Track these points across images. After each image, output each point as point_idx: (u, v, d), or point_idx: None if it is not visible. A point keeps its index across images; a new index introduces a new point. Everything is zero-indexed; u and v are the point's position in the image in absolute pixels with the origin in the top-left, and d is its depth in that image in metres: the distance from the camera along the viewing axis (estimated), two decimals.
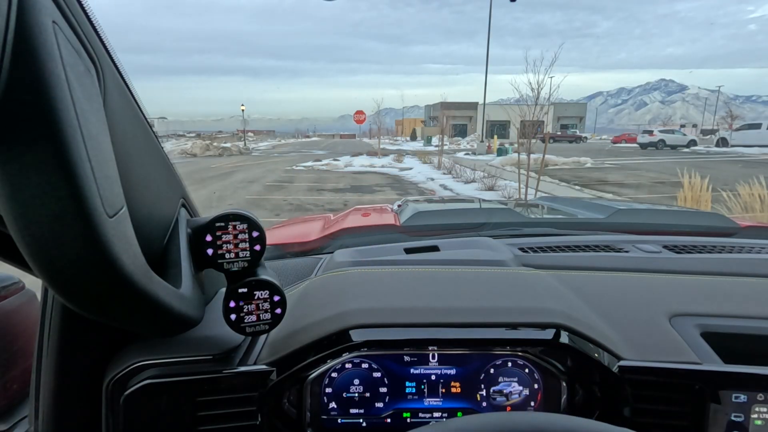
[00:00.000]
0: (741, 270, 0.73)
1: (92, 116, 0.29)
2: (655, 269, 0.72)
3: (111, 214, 0.29)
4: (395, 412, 0.58)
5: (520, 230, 0.99)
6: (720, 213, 1.33)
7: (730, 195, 4.33)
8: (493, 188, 8.86)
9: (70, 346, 0.46)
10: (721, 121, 42.97)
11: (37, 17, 0.24)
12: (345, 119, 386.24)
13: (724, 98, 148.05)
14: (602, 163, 15.71)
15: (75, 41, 0.29)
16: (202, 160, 18.52)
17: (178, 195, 0.53)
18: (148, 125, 0.47)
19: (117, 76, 0.39)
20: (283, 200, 7.86)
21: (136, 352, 0.48)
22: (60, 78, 0.25)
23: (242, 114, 42.68)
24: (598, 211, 1.18)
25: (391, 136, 70.60)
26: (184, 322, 0.42)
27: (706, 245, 0.86)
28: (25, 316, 0.64)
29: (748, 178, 4.42)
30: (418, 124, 69.62)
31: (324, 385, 0.57)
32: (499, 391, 0.58)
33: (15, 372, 0.62)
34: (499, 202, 1.74)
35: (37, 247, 0.27)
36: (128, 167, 0.39)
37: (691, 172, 4.81)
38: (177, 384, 0.47)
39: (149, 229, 0.43)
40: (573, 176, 11.41)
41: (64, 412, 0.48)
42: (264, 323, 0.47)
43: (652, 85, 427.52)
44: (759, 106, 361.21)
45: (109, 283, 0.30)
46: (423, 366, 0.58)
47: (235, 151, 23.63)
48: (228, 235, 0.45)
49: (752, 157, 17.70)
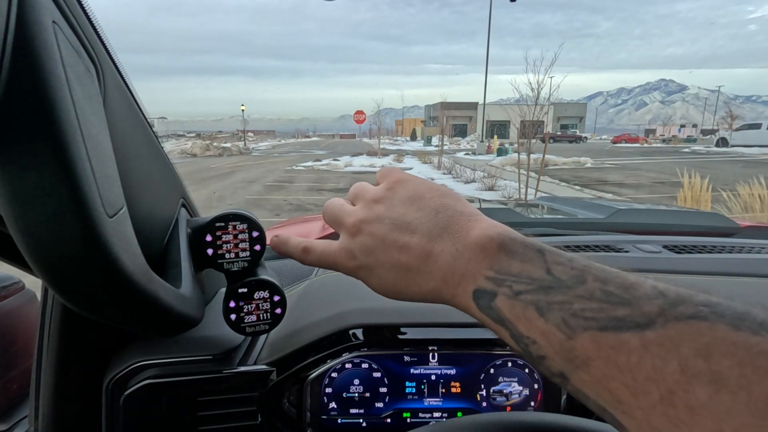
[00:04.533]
0: (741, 270, 0.73)
1: (92, 116, 0.29)
2: (655, 269, 0.72)
3: (111, 214, 0.29)
4: (395, 412, 0.58)
5: (520, 230, 0.99)
6: (720, 213, 1.33)
7: (730, 195, 4.33)
8: (493, 188, 8.87)
9: (70, 346, 0.46)
10: (721, 121, 43.02)
11: (37, 17, 0.24)
12: (345, 119, 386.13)
13: (724, 98, 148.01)
14: (602, 163, 15.72)
15: (75, 41, 0.29)
16: (202, 160, 18.53)
17: (178, 195, 0.53)
18: (148, 125, 0.47)
19: (117, 76, 0.39)
20: (283, 200, 7.87)
21: (136, 352, 0.48)
22: (60, 78, 0.25)
23: (242, 114, 42.70)
24: (598, 211, 1.18)
25: (391, 136, 70.57)
26: (184, 322, 0.42)
27: (706, 245, 0.86)
28: (25, 316, 0.64)
29: (748, 178, 4.42)
30: (418, 124, 69.63)
31: (324, 385, 0.57)
32: (499, 391, 0.58)
33: (15, 372, 0.62)
34: (499, 202, 1.74)
35: (37, 247, 0.27)
36: (128, 167, 0.39)
37: (691, 172, 4.81)
38: (177, 384, 0.47)
39: (149, 229, 0.43)
40: (573, 176, 11.42)
41: (64, 412, 0.48)
42: (264, 323, 0.47)
43: (652, 85, 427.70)
44: (759, 106, 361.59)
45: (109, 284, 0.30)
46: (423, 366, 0.58)
47: (235, 151, 23.64)
48: (228, 235, 0.45)
49: (752, 157, 17.71)
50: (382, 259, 0.31)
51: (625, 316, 0.20)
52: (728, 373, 0.17)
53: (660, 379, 0.18)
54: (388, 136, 63.67)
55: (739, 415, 0.16)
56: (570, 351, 0.21)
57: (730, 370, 0.17)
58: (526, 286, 0.24)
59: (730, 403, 0.16)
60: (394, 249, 0.30)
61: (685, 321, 0.19)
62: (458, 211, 0.31)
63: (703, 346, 0.18)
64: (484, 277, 0.26)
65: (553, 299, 0.23)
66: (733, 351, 0.17)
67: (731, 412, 0.16)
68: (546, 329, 0.23)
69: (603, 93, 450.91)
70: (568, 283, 0.23)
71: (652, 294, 0.21)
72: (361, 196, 0.35)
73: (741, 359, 0.17)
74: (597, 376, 0.20)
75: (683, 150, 26.07)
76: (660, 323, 0.19)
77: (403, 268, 0.30)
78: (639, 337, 0.19)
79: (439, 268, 0.28)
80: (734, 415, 0.16)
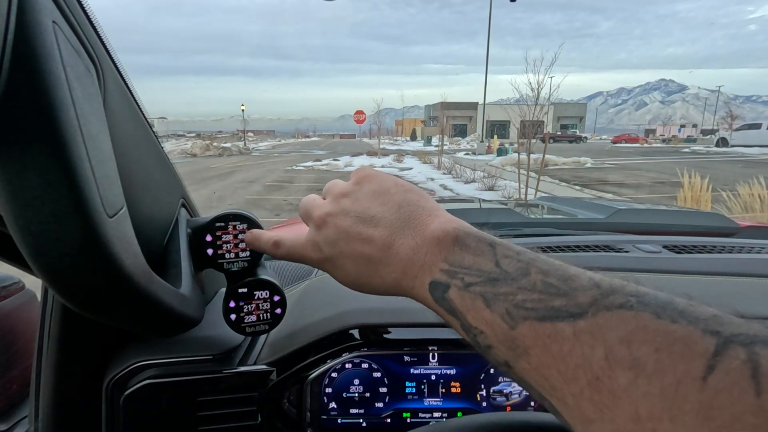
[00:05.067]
0: (741, 270, 0.73)
1: (92, 116, 0.29)
2: (655, 269, 0.72)
3: (111, 214, 0.29)
4: (395, 412, 0.58)
5: (520, 230, 0.99)
6: (720, 213, 1.33)
7: (730, 195, 4.33)
8: (493, 188, 8.86)
9: (70, 346, 0.46)
10: (721, 121, 43.04)
11: (37, 17, 0.24)
12: (345, 119, 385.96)
13: (724, 98, 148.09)
14: (602, 163, 15.71)
15: (75, 41, 0.29)
16: (202, 160, 18.53)
17: (178, 195, 0.53)
18: (148, 125, 0.47)
19: (117, 76, 0.39)
20: (283, 200, 7.87)
21: (136, 352, 0.48)
22: (60, 78, 0.25)
23: (242, 114, 42.71)
24: (598, 211, 1.18)
25: (391, 136, 70.62)
26: (184, 322, 0.42)
27: (706, 245, 0.86)
28: (25, 316, 0.64)
29: (748, 178, 4.42)
30: (418, 124, 69.66)
31: (324, 385, 0.57)
32: (499, 391, 0.58)
33: (15, 372, 0.62)
34: (499, 202, 1.74)
35: (37, 247, 0.27)
36: (128, 167, 0.39)
37: (691, 172, 4.81)
38: (177, 384, 0.47)
39: (149, 229, 0.43)
40: (573, 176, 11.41)
41: (64, 412, 0.48)
42: (264, 323, 0.47)
43: (652, 85, 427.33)
44: (759, 106, 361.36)
45: (109, 284, 0.30)
46: (423, 366, 0.58)
47: (235, 151, 23.64)
48: (228, 235, 0.45)
49: (752, 157, 17.72)
50: (345, 251, 0.32)
51: (561, 306, 0.21)
52: (646, 359, 0.18)
53: (587, 365, 0.19)
54: (388, 136, 63.73)
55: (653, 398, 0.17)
56: (512, 340, 0.22)
57: (648, 356, 0.18)
58: (476, 278, 0.25)
59: (646, 387, 0.17)
60: (357, 241, 0.31)
61: (613, 311, 0.20)
62: (420, 206, 0.32)
63: (626, 334, 0.19)
64: (439, 269, 0.27)
65: (499, 290, 0.24)
66: (652, 338, 0.18)
67: (647, 396, 0.17)
68: (491, 319, 0.23)
69: (603, 93, 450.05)
70: (513, 275, 0.24)
71: (587, 285, 0.22)
72: (330, 191, 0.37)
73: (658, 345, 0.18)
74: (535, 364, 0.21)
75: (683, 150, 26.07)
76: (591, 313, 0.20)
77: (365, 260, 0.31)
78: (571, 326, 0.20)
79: (399, 260, 0.29)
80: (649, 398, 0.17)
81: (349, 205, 0.33)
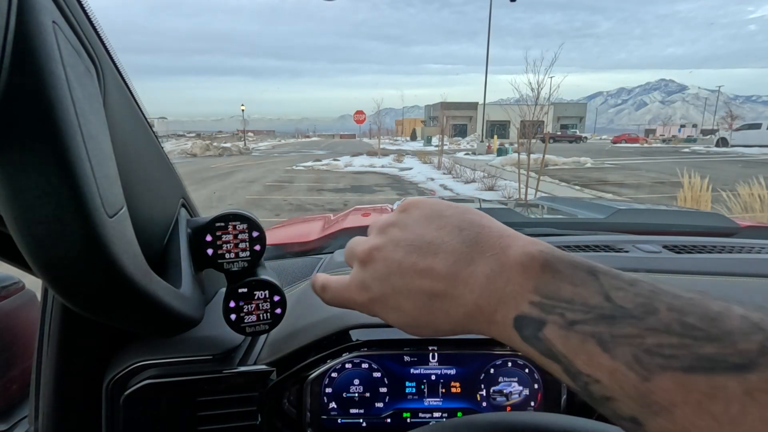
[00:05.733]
0: (741, 270, 0.73)
1: (92, 116, 0.29)
2: (655, 269, 0.72)
3: (111, 214, 0.29)
4: (395, 412, 0.58)
5: (520, 230, 0.99)
6: (720, 213, 1.33)
7: (730, 195, 4.33)
8: (493, 188, 8.87)
9: (70, 346, 0.46)
10: (721, 121, 43.03)
11: (37, 17, 0.24)
12: (345, 119, 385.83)
13: (724, 98, 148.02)
14: (602, 163, 15.72)
15: (75, 41, 0.29)
16: (202, 160, 18.53)
17: (178, 195, 0.53)
18: (148, 125, 0.47)
19: (117, 76, 0.39)
20: (283, 200, 7.87)
21: (136, 352, 0.48)
22: (60, 78, 0.25)
23: (242, 114, 42.72)
24: (598, 211, 1.18)
25: (391, 136, 70.60)
26: (184, 322, 0.42)
27: (706, 245, 0.86)
28: (25, 316, 0.64)
29: (748, 178, 4.42)
30: (418, 124, 69.64)
31: (324, 385, 0.57)
32: (499, 391, 0.58)
33: (15, 372, 0.62)
34: (499, 202, 1.74)
35: (37, 247, 0.27)
36: (128, 167, 0.39)
37: (691, 172, 4.81)
38: (177, 384, 0.47)
39: (149, 229, 0.43)
40: (573, 176, 11.42)
41: (64, 412, 0.48)
42: (264, 323, 0.47)
43: (652, 85, 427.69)
44: (759, 106, 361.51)
45: (109, 283, 0.30)
46: (423, 366, 0.58)
47: (235, 151, 23.65)
48: (228, 235, 0.45)
49: (752, 157, 17.72)
50: (399, 287, 0.27)
51: (716, 355, 0.17)
52: None
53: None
54: (388, 136, 63.72)
55: None
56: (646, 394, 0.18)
57: None
58: (582, 314, 0.21)
59: None
60: (413, 274, 0.27)
61: None
62: (485, 226, 0.27)
63: None
64: (527, 302, 0.23)
65: (619, 332, 0.20)
66: None
67: None
68: (613, 367, 0.19)
69: (603, 93, 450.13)
70: (634, 312, 0.20)
71: (746, 328, 0.18)
72: (373, 226, 0.32)
73: None
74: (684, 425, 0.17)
75: (683, 150, 26.07)
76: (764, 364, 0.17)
77: (425, 295, 0.26)
78: (738, 381, 0.17)
79: (470, 292, 0.25)
80: None
81: (398, 234, 0.29)
